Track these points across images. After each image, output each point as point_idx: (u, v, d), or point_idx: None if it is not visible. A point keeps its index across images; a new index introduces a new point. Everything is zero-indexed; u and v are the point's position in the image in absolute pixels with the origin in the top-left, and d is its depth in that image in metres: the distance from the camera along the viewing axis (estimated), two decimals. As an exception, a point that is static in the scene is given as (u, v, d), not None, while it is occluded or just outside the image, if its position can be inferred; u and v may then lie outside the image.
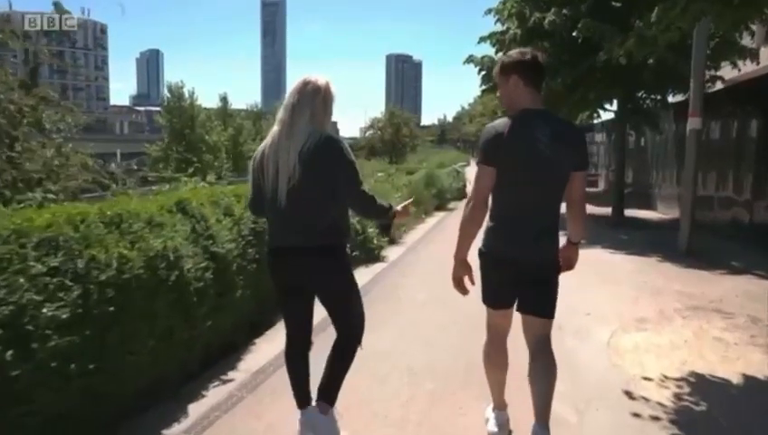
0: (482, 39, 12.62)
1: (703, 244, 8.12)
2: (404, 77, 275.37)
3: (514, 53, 2.65)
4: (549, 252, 2.62)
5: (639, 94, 11.85)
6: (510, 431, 2.84)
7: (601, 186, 21.45)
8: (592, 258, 7.53)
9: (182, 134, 41.06)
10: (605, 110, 13.74)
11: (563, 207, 2.61)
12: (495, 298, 2.69)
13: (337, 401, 2.73)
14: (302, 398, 2.74)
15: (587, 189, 2.84)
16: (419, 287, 6.11)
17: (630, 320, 4.93)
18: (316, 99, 2.57)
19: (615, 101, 12.96)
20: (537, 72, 2.58)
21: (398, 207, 2.86)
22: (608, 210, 13.38)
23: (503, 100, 2.68)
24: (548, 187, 2.55)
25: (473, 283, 2.67)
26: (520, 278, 2.59)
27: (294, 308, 2.75)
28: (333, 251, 2.59)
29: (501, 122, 2.54)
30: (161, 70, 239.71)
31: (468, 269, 2.64)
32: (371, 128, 43.70)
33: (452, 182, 16.49)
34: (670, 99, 11.98)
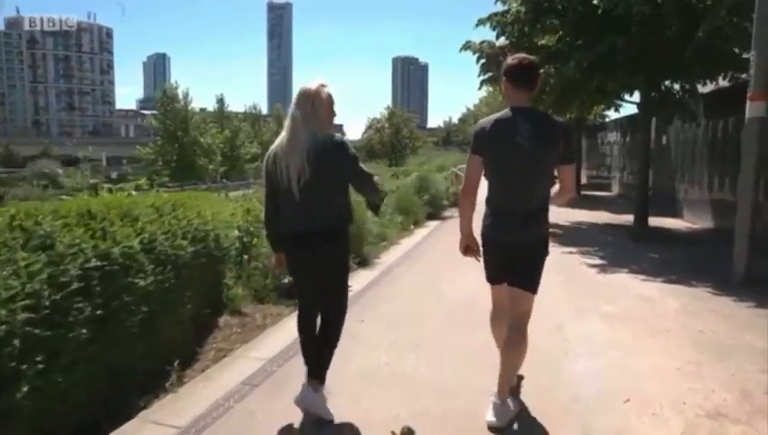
0: (480, 22, 10.82)
1: (765, 267, 6.18)
2: (410, 79, 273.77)
3: (509, 58, 2.93)
4: (536, 234, 2.87)
5: (667, 83, 9.98)
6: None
7: (615, 190, 19.53)
8: (619, 290, 5.75)
9: (175, 136, 39.75)
10: (623, 101, 11.91)
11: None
12: (495, 275, 3.02)
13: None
14: (311, 367, 3.00)
15: (598, 193, 8.60)
16: (382, 347, 4.10)
17: (699, 414, 3.02)
18: (308, 105, 2.88)
19: (636, 93, 11.16)
20: (523, 74, 2.83)
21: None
22: (625, 218, 11.57)
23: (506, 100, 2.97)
24: (530, 176, 2.80)
25: (479, 253, 3.01)
26: (511, 257, 2.89)
27: (305, 283, 3.12)
28: (336, 234, 2.95)
29: (489, 118, 2.90)
30: (168, 73, 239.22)
31: (473, 241, 3.01)
32: (370, 128, 41.82)
33: (449, 186, 14.68)
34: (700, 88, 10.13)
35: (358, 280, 6.21)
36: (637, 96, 10.96)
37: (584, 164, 23.07)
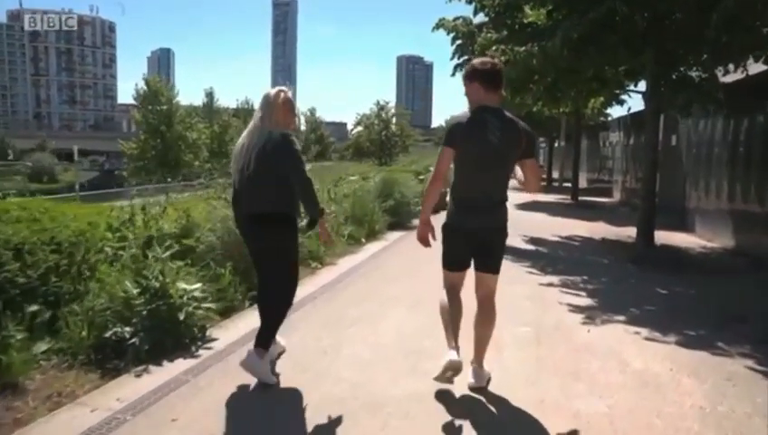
0: (453, -7, 8.92)
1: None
2: (415, 79, 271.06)
3: (476, 61, 3.21)
4: (498, 221, 3.17)
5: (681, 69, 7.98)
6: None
7: (617, 196, 17.54)
8: (610, 363, 3.76)
9: (158, 131, 37.92)
10: (627, 92, 9.93)
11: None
12: (453, 260, 3.24)
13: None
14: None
15: (598, 200, 7.16)
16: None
17: None
18: (264, 106, 3.43)
19: (641, 84, 9.18)
20: (494, 77, 3.12)
21: (325, 222, 3.58)
22: (626, 231, 9.59)
23: (468, 98, 3.20)
24: (496, 169, 3.10)
25: (434, 238, 3.23)
26: (474, 242, 3.16)
27: (255, 263, 3.69)
28: (274, 219, 3.37)
29: (462, 114, 3.17)
30: (172, 69, 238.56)
31: (431, 228, 3.23)
32: (359, 125, 39.46)
33: (424, 188, 12.68)
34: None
35: (230, 331, 4.31)
36: (642, 86, 9.01)
37: (583, 167, 21.05)
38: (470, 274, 3.30)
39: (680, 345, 4.10)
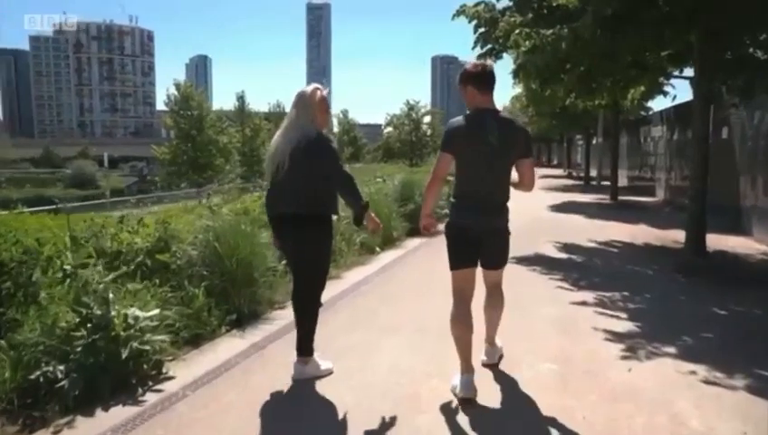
0: (474, -25, 8.08)
1: None
2: (449, 79, 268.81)
3: (468, 65, 3.26)
4: (500, 222, 3.20)
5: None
6: (476, 391, 3.04)
7: (660, 195, 16.28)
8: (660, 418, 2.86)
9: (189, 136, 38.05)
10: (672, 77, 8.88)
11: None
12: (459, 260, 3.20)
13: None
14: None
15: (639, 199, 8.65)
16: None
17: None
18: (299, 104, 3.33)
19: (689, 70, 8.15)
20: (486, 78, 3.18)
21: (371, 213, 3.45)
22: (672, 234, 8.57)
23: (465, 102, 3.22)
24: (495, 170, 3.12)
25: (436, 227, 3.36)
26: (478, 242, 3.16)
27: (288, 262, 3.91)
28: (316, 218, 3.31)
29: (459, 118, 3.20)
30: (209, 75, 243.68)
31: (434, 219, 3.34)
32: (389, 125, 38.52)
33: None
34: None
35: (190, 367, 3.62)
36: (689, 72, 7.98)
37: (623, 164, 19.78)
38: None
39: (753, 393, 3.15)
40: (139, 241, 4.81)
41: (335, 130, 63.71)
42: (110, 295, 3.55)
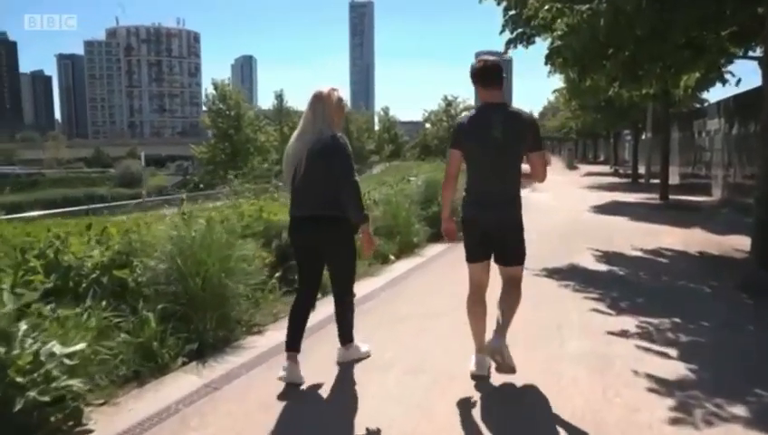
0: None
1: None
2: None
3: (474, 62, 3.28)
4: (510, 215, 3.20)
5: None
6: (489, 370, 3.24)
7: (716, 194, 14.85)
8: None
9: (227, 134, 38.23)
10: (736, 58, 7.72)
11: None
12: (472, 254, 3.29)
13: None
14: (291, 344, 3.36)
15: (693, 199, 8.58)
16: None
17: None
18: (317, 105, 3.29)
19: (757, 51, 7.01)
20: (487, 73, 3.18)
21: (368, 228, 3.37)
22: (731, 241, 7.46)
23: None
24: (501, 163, 3.14)
25: (457, 234, 3.37)
26: (491, 237, 3.20)
27: (300, 265, 3.52)
28: (333, 220, 3.24)
29: (467, 115, 3.37)
30: (255, 75, 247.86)
31: (453, 222, 3.36)
32: (426, 122, 37.50)
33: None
34: None
35: (122, 414, 2.92)
36: (756, 53, 6.85)
37: (675, 160, 18.31)
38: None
39: None
40: (95, 254, 4.18)
41: (376, 128, 63.20)
42: (22, 327, 2.89)
